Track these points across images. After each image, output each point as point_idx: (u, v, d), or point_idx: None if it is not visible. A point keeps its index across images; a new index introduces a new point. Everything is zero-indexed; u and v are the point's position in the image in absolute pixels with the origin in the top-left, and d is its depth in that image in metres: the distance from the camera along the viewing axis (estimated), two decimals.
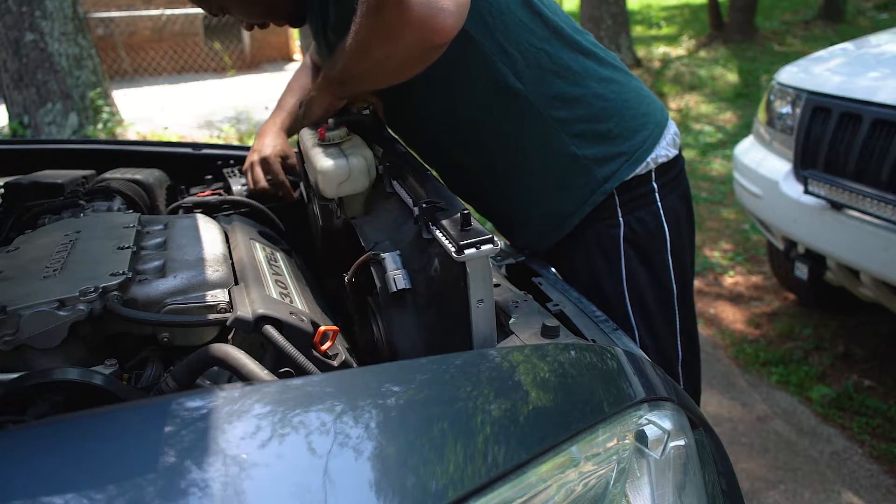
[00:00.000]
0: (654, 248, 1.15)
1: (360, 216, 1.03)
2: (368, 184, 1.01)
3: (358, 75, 1.02)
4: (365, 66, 0.98)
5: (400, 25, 0.88)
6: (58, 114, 6.07)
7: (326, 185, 0.98)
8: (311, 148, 1.05)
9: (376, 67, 0.98)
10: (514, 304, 0.89)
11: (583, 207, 1.12)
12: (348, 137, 1.06)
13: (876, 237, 2.08)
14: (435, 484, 0.51)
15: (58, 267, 0.83)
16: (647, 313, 1.15)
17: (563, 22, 1.11)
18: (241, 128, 6.70)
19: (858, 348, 2.72)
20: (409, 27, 0.87)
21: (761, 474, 2.13)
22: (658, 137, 1.14)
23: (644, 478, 0.63)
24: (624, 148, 1.11)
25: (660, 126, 1.15)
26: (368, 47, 0.94)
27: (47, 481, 0.47)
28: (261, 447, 0.51)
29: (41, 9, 5.84)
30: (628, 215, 1.13)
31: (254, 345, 0.79)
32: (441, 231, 0.77)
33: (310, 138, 1.09)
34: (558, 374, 0.69)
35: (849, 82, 2.38)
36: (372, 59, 0.96)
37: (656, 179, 1.14)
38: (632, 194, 1.12)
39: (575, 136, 1.10)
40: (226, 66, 10.50)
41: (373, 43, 0.93)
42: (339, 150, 1.02)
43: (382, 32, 0.91)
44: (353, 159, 0.99)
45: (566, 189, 1.12)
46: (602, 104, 1.11)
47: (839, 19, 9.31)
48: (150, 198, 1.31)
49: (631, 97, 1.14)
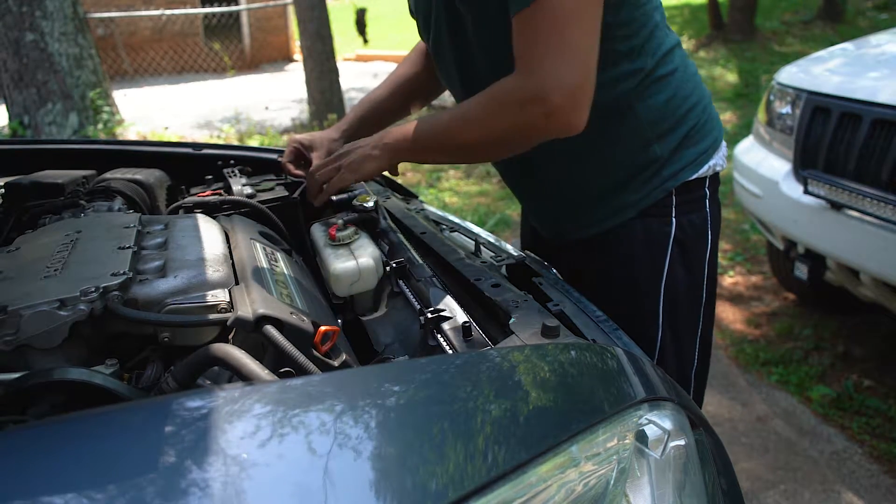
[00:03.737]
0: (696, 253, 1.15)
1: (370, 315, 1.07)
2: (377, 282, 1.06)
3: (454, 148, 1.05)
4: (470, 141, 1.00)
5: (541, 125, 0.94)
6: (58, 114, 6.07)
7: (338, 286, 1.03)
8: (322, 248, 1.10)
9: (485, 146, 1.02)
10: (514, 304, 0.89)
11: (642, 201, 1.12)
12: (356, 237, 1.11)
13: (876, 237, 2.08)
14: (435, 484, 0.51)
15: (58, 267, 0.83)
16: (675, 315, 1.15)
17: (662, 16, 1.11)
18: (240, 128, 6.70)
19: (858, 348, 2.72)
20: (549, 128, 0.94)
21: (761, 474, 2.13)
22: (720, 145, 1.16)
23: (644, 478, 0.63)
24: (695, 150, 1.12)
25: (721, 135, 1.17)
26: (491, 130, 0.98)
27: (47, 481, 0.47)
28: (261, 447, 0.51)
29: (41, 9, 5.84)
30: (681, 216, 1.13)
31: (254, 345, 0.79)
32: (445, 340, 0.85)
33: (321, 237, 1.13)
34: (558, 374, 0.69)
35: (849, 82, 2.38)
36: (488, 139, 1.00)
37: (708, 186, 1.15)
38: (687, 196, 1.13)
39: (659, 137, 1.10)
40: (226, 67, 10.49)
41: (501, 130, 0.97)
42: (348, 250, 1.07)
43: (518, 126, 0.96)
44: (362, 260, 1.03)
45: (632, 182, 1.12)
46: (688, 105, 1.11)
47: (839, 19, 9.31)
48: (150, 198, 1.31)
49: (707, 99, 1.16)
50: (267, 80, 10.14)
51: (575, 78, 0.91)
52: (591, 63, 0.93)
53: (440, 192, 4.81)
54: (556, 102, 0.91)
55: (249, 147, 1.75)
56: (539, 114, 0.93)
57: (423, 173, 5.24)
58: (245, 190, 1.35)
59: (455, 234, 1.25)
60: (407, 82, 1.41)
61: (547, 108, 0.92)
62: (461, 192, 4.83)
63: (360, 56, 11.64)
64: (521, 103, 0.94)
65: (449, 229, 1.26)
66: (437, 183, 5.01)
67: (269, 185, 1.42)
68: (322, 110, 6.61)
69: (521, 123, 0.96)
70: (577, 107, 0.93)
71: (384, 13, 14.05)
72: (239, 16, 11.69)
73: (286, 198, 1.36)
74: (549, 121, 0.93)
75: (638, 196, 1.12)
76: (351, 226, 1.12)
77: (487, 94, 0.98)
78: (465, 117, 1.01)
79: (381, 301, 1.09)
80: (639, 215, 1.13)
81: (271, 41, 12.27)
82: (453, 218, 1.37)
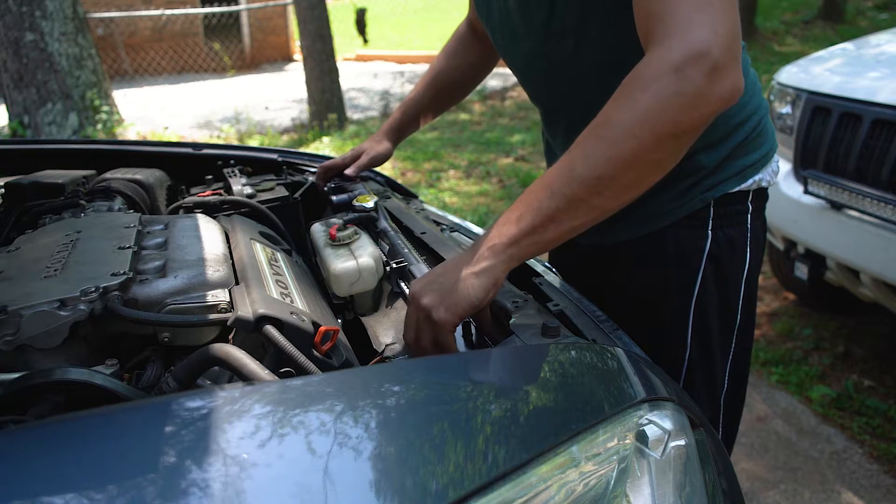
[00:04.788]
0: (732, 271, 1.08)
1: (369, 314, 1.07)
2: (377, 282, 1.06)
3: (607, 184, 0.77)
4: (627, 158, 0.76)
5: (705, 88, 0.74)
6: (58, 114, 6.08)
7: (338, 285, 1.03)
8: (322, 248, 1.10)
9: (645, 158, 0.77)
10: (514, 303, 0.89)
11: (678, 210, 1.05)
12: (356, 237, 1.11)
13: (876, 237, 2.08)
14: (435, 484, 0.51)
15: (58, 267, 0.83)
16: (706, 335, 1.09)
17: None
18: (240, 128, 6.70)
19: (858, 348, 2.72)
20: (713, 91, 0.75)
21: (761, 474, 2.13)
22: (769, 161, 1.08)
23: (644, 478, 0.63)
24: (741, 162, 1.04)
25: (773, 150, 1.09)
26: (646, 125, 0.75)
27: (47, 481, 0.47)
28: (261, 447, 0.51)
29: (41, 9, 5.84)
30: (718, 230, 1.05)
31: (254, 345, 0.79)
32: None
33: (321, 237, 1.13)
34: (559, 374, 0.69)
35: (849, 82, 2.38)
36: (647, 144, 0.76)
37: (752, 201, 1.07)
38: (727, 209, 1.05)
39: (707, 147, 1.02)
40: (226, 67, 10.49)
41: (660, 120, 0.75)
42: (348, 250, 1.07)
43: (679, 103, 0.74)
44: (362, 260, 1.03)
45: (670, 190, 1.04)
46: (743, 116, 1.03)
47: (839, 19, 9.32)
48: (150, 198, 1.31)
49: (764, 110, 1.08)
50: (267, 80, 10.14)
51: (729, 27, 0.76)
52: (737, 14, 0.79)
53: (440, 192, 4.81)
54: (716, 55, 0.74)
55: (249, 147, 1.75)
56: (700, 74, 0.74)
57: (424, 173, 5.24)
58: (245, 190, 1.35)
59: (455, 233, 1.25)
60: (447, 74, 1.38)
61: (708, 63, 0.74)
62: (461, 192, 4.83)
63: (360, 56, 11.64)
64: (675, 69, 0.75)
65: (449, 229, 1.26)
66: (437, 183, 5.01)
67: (269, 185, 1.42)
68: (322, 110, 6.62)
69: (682, 94, 0.74)
70: (737, 61, 0.77)
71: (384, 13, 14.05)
72: (239, 16, 11.69)
73: (286, 198, 1.37)
74: (712, 80, 0.74)
75: (674, 205, 1.05)
76: (351, 226, 1.12)
77: (626, 87, 0.78)
78: (604, 135, 0.77)
79: (381, 301, 1.08)
80: (672, 226, 1.06)
81: (271, 41, 12.27)
82: (453, 218, 1.37)
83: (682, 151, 0.80)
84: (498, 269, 0.80)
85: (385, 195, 1.40)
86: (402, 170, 5.37)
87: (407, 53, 11.21)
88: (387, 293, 1.08)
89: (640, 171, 0.78)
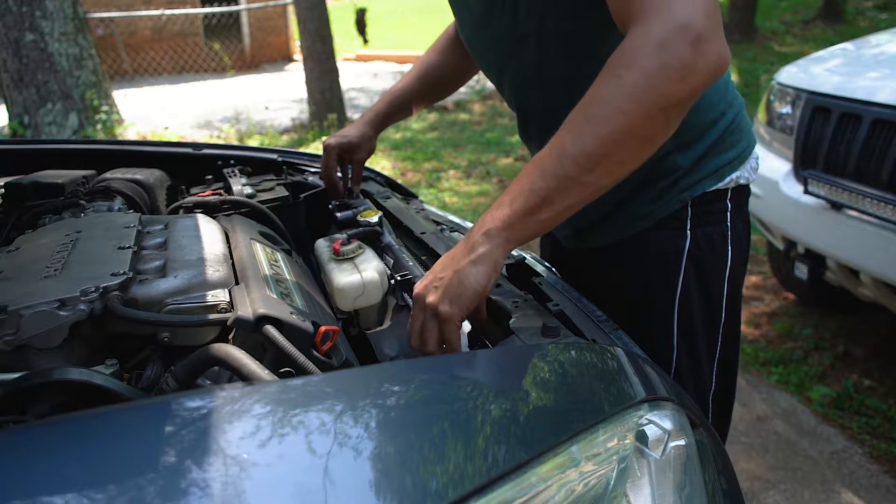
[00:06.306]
0: (714, 270, 1.08)
1: (374, 328, 1.06)
2: (381, 296, 1.05)
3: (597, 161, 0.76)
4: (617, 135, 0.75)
5: (689, 59, 0.73)
6: (58, 114, 6.08)
7: (342, 300, 1.02)
8: (326, 263, 1.09)
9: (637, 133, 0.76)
10: (514, 303, 0.89)
11: (657, 211, 1.06)
12: (360, 251, 1.10)
13: (876, 237, 2.08)
14: (435, 484, 0.51)
15: (58, 267, 0.83)
16: (691, 335, 1.09)
17: None
18: (240, 128, 6.70)
19: (858, 348, 2.72)
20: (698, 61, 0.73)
21: (761, 474, 2.13)
22: (747, 158, 1.08)
23: (644, 478, 0.63)
24: (717, 160, 1.05)
25: (750, 146, 1.09)
26: (633, 100, 0.74)
27: (47, 481, 0.47)
28: (261, 447, 0.51)
29: (41, 9, 5.84)
30: (696, 229, 1.06)
31: (254, 345, 0.79)
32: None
33: (325, 252, 1.12)
34: (558, 374, 0.69)
35: (848, 82, 2.38)
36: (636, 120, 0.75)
37: (731, 199, 1.08)
38: (705, 208, 1.06)
39: (680, 147, 1.02)
40: (225, 67, 10.49)
41: (648, 95, 0.74)
42: (352, 264, 1.06)
43: (664, 75, 0.73)
44: (366, 274, 1.03)
45: (650, 189, 1.05)
46: (714, 114, 1.03)
47: (839, 19, 9.32)
48: (150, 198, 1.31)
49: (738, 107, 1.08)
50: (267, 80, 10.14)
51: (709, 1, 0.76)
52: None
53: (440, 192, 4.81)
54: (698, 26, 0.73)
55: (249, 147, 1.75)
56: (685, 45, 0.73)
57: (424, 173, 5.24)
58: (245, 190, 1.35)
59: (455, 234, 1.25)
60: (436, 70, 1.38)
61: (691, 34, 0.73)
62: (461, 192, 4.83)
63: (360, 56, 11.64)
64: (659, 43, 0.74)
65: (449, 229, 1.26)
66: (437, 183, 5.01)
67: (269, 185, 1.42)
68: (322, 110, 6.62)
69: (668, 66, 0.73)
70: (720, 31, 0.76)
71: (384, 13, 14.05)
72: (239, 16, 11.70)
73: (286, 198, 1.37)
74: (697, 50, 0.73)
75: (654, 206, 1.06)
76: (355, 240, 1.12)
77: (611, 66, 0.77)
78: (592, 113, 0.77)
79: (385, 315, 1.08)
80: (653, 227, 1.07)
81: (271, 41, 12.27)
82: (453, 218, 1.37)
83: (674, 125, 0.79)
84: (495, 252, 0.79)
85: (385, 195, 1.40)
86: (402, 170, 5.37)
87: (407, 53, 11.21)
88: (391, 307, 1.08)
89: (630, 146, 0.77)
